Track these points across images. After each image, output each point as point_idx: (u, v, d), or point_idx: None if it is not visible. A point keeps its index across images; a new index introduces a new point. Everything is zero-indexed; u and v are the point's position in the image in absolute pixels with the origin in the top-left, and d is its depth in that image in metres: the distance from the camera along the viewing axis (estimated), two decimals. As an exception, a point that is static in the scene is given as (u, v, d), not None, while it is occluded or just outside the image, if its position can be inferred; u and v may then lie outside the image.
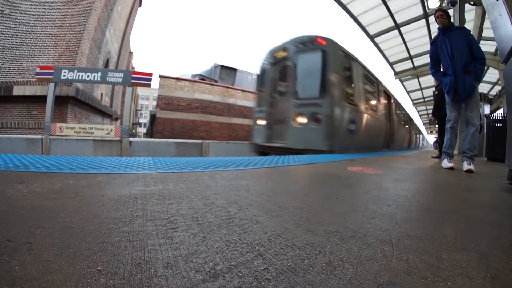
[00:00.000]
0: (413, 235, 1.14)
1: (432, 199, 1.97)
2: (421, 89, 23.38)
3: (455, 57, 3.97)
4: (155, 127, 15.51)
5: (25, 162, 2.31)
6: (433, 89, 9.14)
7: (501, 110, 13.35)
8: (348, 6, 13.43)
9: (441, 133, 6.89)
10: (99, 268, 0.75)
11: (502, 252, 1.01)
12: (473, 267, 0.86)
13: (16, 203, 1.28)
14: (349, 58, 6.99)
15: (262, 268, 0.80)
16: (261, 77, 7.88)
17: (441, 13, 4.11)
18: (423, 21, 13.04)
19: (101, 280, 0.69)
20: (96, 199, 1.41)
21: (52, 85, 9.69)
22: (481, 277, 0.81)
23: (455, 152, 4.60)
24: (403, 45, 15.72)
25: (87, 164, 2.37)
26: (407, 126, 15.67)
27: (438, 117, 7.35)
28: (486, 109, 14.17)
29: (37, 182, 1.69)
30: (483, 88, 18.96)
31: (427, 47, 4.45)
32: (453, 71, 4.00)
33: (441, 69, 4.32)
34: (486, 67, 14.58)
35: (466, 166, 3.85)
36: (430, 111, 28.28)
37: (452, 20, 9.25)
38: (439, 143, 7.58)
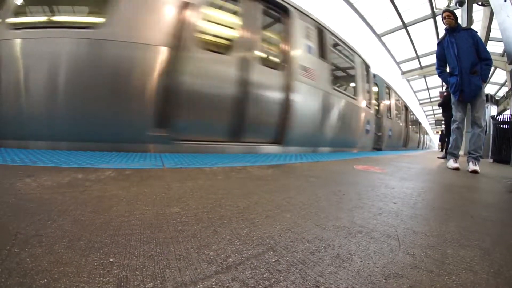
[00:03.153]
0: (418, 231, 1.16)
1: (437, 198, 1.99)
2: (427, 89, 23.28)
3: (461, 57, 3.97)
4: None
5: (32, 157, 2.33)
6: (441, 89, 9.02)
7: (508, 112, 13.25)
8: (356, 5, 13.40)
9: (447, 133, 6.85)
10: (111, 260, 0.76)
11: (505, 249, 1.02)
12: (477, 263, 0.88)
13: (25, 196, 1.28)
14: None
15: (274, 260, 0.82)
16: None
17: (448, 14, 4.11)
18: (431, 21, 12.99)
19: (114, 271, 0.70)
20: (106, 193, 1.42)
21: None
22: (485, 272, 0.83)
23: (461, 152, 4.60)
24: (410, 44, 15.66)
25: (95, 159, 2.40)
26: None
27: (445, 118, 7.32)
28: (493, 110, 14.06)
29: (45, 176, 1.69)
30: (490, 89, 18.84)
31: (435, 46, 4.47)
32: (459, 71, 4.00)
33: (447, 70, 4.32)
34: (493, 68, 14.51)
35: (471, 166, 3.86)
36: (436, 111, 28.10)
37: (459, 20, 9.13)
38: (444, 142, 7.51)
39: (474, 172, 3.77)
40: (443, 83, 7.00)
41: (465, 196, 2.11)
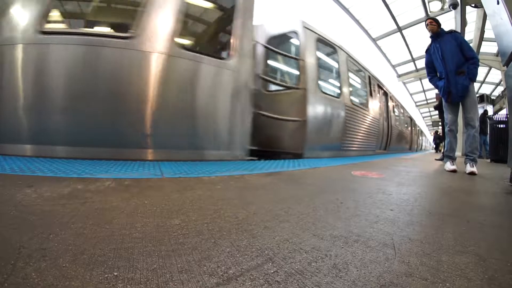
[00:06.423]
0: (414, 238, 1.18)
1: (434, 203, 2.00)
2: (423, 91, 23.36)
3: (446, 60, 4.07)
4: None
5: (31, 166, 2.33)
6: (437, 91, 9.01)
7: (504, 111, 13.32)
8: (351, 10, 13.50)
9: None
10: (115, 274, 0.77)
11: (501, 254, 1.04)
12: (471, 269, 0.90)
13: (26, 208, 1.28)
14: None
15: (272, 271, 0.84)
16: None
17: (431, 21, 4.28)
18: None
19: (119, 285, 0.71)
20: (106, 205, 1.43)
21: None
22: (479, 278, 0.84)
23: (458, 154, 4.64)
24: (406, 47, 15.75)
25: (93, 169, 2.40)
26: None
27: (442, 120, 7.36)
28: (489, 110, 14.12)
29: (45, 186, 1.69)
30: (486, 88, 18.92)
31: (430, 49, 4.63)
32: (445, 73, 4.10)
33: (437, 75, 4.39)
34: (488, 67, 14.57)
35: (469, 168, 3.89)
36: (433, 113, 28.17)
37: (453, 22, 9.12)
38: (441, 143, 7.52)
39: (472, 173, 3.80)
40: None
41: (462, 199, 2.13)
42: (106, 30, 3.52)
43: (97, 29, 3.48)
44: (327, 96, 5.84)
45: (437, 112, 8.76)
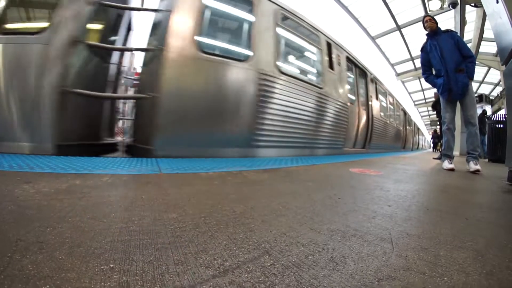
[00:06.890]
0: (412, 233, 1.18)
1: (431, 200, 1.99)
2: (422, 90, 23.39)
3: (446, 57, 4.08)
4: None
5: (29, 163, 2.32)
6: (436, 90, 8.98)
7: (502, 111, 13.35)
8: (350, 8, 13.49)
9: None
10: (111, 266, 0.77)
11: (498, 250, 1.04)
12: (469, 264, 0.90)
13: (24, 203, 1.28)
14: None
15: (269, 264, 0.84)
16: None
17: (429, 18, 4.32)
18: (425, 23, 13.10)
19: (114, 277, 0.72)
20: (104, 199, 1.42)
21: None
22: (477, 273, 0.84)
23: (456, 153, 4.64)
24: (405, 46, 15.75)
25: (92, 165, 2.40)
26: None
27: (440, 119, 7.38)
28: (488, 110, 14.16)
29: (43, 182, 1.69)
30: (484, 89, 18.95)
31: (429, 48, 4.65)
32: (445, 71, 4.11)
33: (433, 73, 4.42)
34: (487, 68, 14.58)
35: (473, 166, 3.90)
36: (431, 112, 28.26)
37: (453, 21, 9.17)
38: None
39: (476, 171, 3.83)
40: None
41: (460, 197, 2.13)
42: None
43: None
44: (216, 58, 3.85)
45: (435, 111, 8.74)
